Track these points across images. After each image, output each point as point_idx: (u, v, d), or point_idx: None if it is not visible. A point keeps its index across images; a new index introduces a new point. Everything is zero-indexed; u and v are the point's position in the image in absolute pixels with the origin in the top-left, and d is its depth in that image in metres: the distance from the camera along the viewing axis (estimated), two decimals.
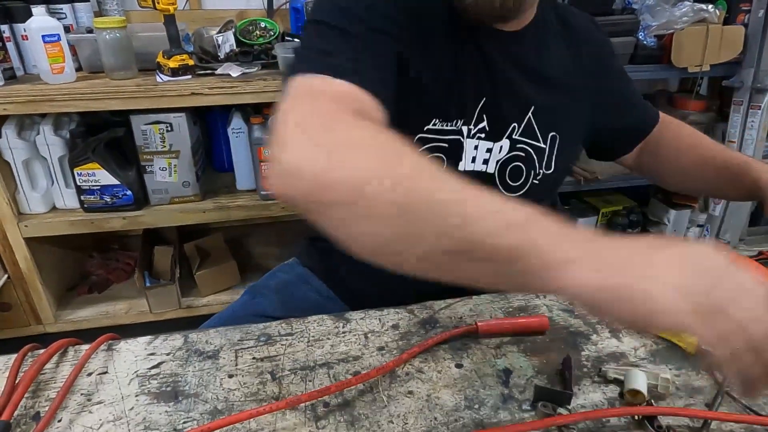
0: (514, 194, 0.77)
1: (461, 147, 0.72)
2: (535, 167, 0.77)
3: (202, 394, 0.57)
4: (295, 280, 0.89)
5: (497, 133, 0.74)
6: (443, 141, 0.72)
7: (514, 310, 0.71)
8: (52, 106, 1.37)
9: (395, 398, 0.56)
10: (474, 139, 0.73)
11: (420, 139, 0.71)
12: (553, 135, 0.78)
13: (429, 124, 0.70)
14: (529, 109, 0.75)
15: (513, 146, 0.75)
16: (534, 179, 0.78)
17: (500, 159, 0.76)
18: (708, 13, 1.74)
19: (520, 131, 0.75)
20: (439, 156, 0.72)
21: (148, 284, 1.65)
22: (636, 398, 0.55)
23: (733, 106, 1.88)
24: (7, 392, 0.54)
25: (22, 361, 0.59)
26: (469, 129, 0.72)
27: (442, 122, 0.71)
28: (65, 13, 1.56)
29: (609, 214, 2.11)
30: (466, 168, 0.74)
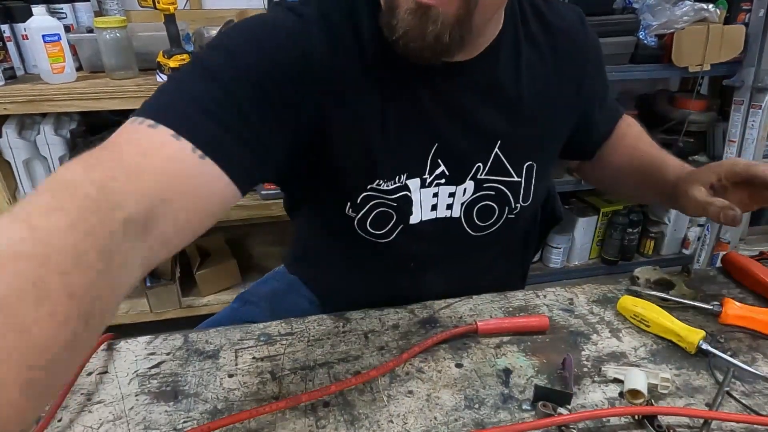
0: (483, 233, 0.72)
1: (409, 202, 0.66)
2: (509, 203, 0.71)
3: (202, 394, 0.57)
4: (285, 288, 0.88)
5: (459, 176, 0.67)
6: (390, 200, 0.65)
7: (514, 310, 0.71)
8: (52, 105, 1.37)
9: (395, 398, 0.56)
10: (432, 187, 0.66)
11: (366, 197, 0.65)
12: (529, 165, 0.70)
13: (372, 183, 0.64)
14: (494, 144, 0.67)
15: (479, 186, 0.68)
16: (509, 214, 0.72)
17: (465, 201, 0.69)
18: (709, 12, 1.73)
19: (486, 170, 0.68)
20: (388, 212, 0.66)
21: (148, 284, 1.65)
22: (636, 398, 0.55)
23: (733, 105, 1.88)
24: None
25: None
26: (423, 179, 0.65)
27: (386, 182, 0.64)
28: (65, 12, 1.56)
29: (609, 214, 2.11)
30: (423, 218, 0.68)
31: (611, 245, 2.14)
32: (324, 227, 0.77)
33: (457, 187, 0.68)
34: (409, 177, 0.65)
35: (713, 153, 2.15)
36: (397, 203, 0.66)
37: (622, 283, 0.78)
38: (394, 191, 0.65)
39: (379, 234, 0.68)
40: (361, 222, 0.67)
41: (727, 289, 0.77)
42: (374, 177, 0.64)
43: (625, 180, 0.83)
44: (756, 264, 0.76)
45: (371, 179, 0.64)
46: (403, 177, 0.64)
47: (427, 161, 0.65)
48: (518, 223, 0.75)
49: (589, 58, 0.75)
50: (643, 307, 0.68)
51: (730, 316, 0.68)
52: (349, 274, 0.81)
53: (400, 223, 0.67)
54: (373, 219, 0.67)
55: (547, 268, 2.14)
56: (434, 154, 0.65)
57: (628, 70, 1.81)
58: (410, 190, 0.65)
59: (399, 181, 0.64)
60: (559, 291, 0.76)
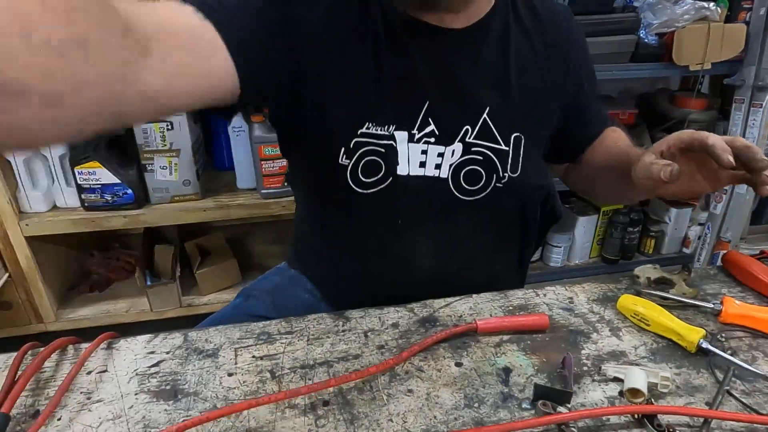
0: (473, 198, 0.73)
1: (395, 153, 0.70)
2: (497, 170, 0.73)
3: (202, 393, 0.57)
4: (287, 283, 0.89)
5: (448, 137, 0.71)
6: (379, 147, 0.69)
7: (514, 309, 0.71)
8: None
9: (395, 397, 0.56)
10: (420, 144, 0.70)
11: (357, 144, 0.69)
12: (516, 136, 0.73)
13: (362, 128, 0.68)
14: (483, 111, 0.71)
15: (467, 150, 0.72)
16: (497, 183, 0.74)
17: (453, 163, 0.72)
18: (709, 11, 1.73)
19: (474, 134, 0.72)
20: (377, 160, 0.70)
21: (148, 283, 1.65)
22: (636, 397, 0.55)
23: (734, 104, 1.88)
24: (6, 386, 0.55)
25: (22, 359, 0.59)
26: (411, 134, 0.70)
27: (376, 127, 0.68)
28: None
29: (610, 213, 2.11)
30: (411, 173, 0.71)
31: (612, 244, 2.13)
32: (319, 185, 0.78)
33: (446, 148, 0.71)
34: (397, 129, 0.69)
35: None
36: (385, 150, 0.69)
37: (622, 282, 0.78)
38: (383, 137, 0.69)
39: (369, 183, 0.71)
40: (353, 171, 0.70)
41: (727, 287, 0.77)
42: (365, 120, 0.68)
43: (601, 177, 0.84)
44: (756, 263, 0.76)
45: (362, 123, 0.68)
46: (392, 128, 0.69)
47: (417, 118, 0.70)
48: (507, 196, 0.76)
49: (574, 46, 0.79)
50: (643, 305, 0.68)
51: (730, 314, 0.68)
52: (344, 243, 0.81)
53: (389, 173, 0.70)
54: (364, 167, 0.70)
55: (547, 267, 2.14)
56: (425, 113, 0.69)
57: (629, 68, 1.80)
58: (396, 141, 0.69)
59: (387, 130, 0.69)
60: (559, 290, 0.76)
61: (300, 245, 0.93)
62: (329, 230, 0.82)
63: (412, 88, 0.69)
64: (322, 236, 0.85)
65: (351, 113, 0.68)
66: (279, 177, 1.60)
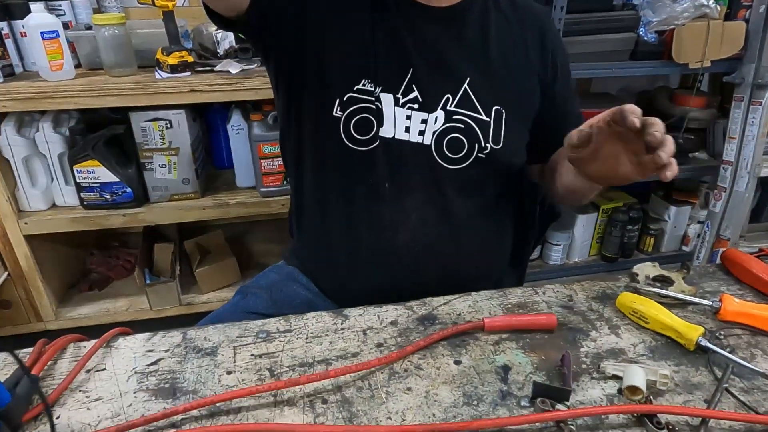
0: (457, 167, 0.77)
1: (381, 113, 0.75)
2: (479, 140, 0.76)
3: (201, 391, 0.57)
4: (284, 279, 0.90)
5: (430, 105, 0.76)
6: (371, 103, 0.75)
7: (513, 307, 0.71)
8: (51, 103, 1.37)
9: (393, 394, 0.56)
10: (405, 108, 0.75)
11: (351, 99, 0.74)
12: (497, 109, 0.77)
13: (359, 84, 0.74)
14: (464, 81, 0.76)
15: (449, 117, 0.76)
16: (479, 153, 0.77)
17: (436, 130, 0.76)
18: (709, 8, 1.73)
19: (455, 102, 0.76)
20: (369, 118, 0.75)
21: (148, 281, 1.65)
22: (635, 394, 0.55)
23: (734, 102, 1.87)
24: (36, 352, 0.59)
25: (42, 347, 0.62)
26: (397, 98, 0.75)
27: (371, 84, 0.74)
28: (64, 9, 1.55)
29: (609, 211, 2.11)
30: (396, 135, 0.75)
31: (611, 242, 2.13)
32: (313, 141, 0.81)
33: (429, 114, 0.75)
34: (383, 91, 0.75)
35: (713, 150, 2.14)
36: (375, 108, 0.75)
37: (621, 280, 0.77)
38: (372, 94, 0.74)
39: (360, 140, 0.75)
40: (345, 125, 0.75)
41: (726, 285, 0.77)
42: (362, 77, 0.74)
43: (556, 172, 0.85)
44: (755, 260, 0.76)
45: (359, 79, 0.74)
46: (379, 89, 0.75)
47: (402, 84, 0.75)
48: (491, 168, 0.78)
49: (549, 34, 0.83)
50: (642, 303, 0.68)
51: (729, 312, 0.68)
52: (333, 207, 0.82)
53: (378, 133, 0.75)
54: (356, 123, 0.75)
55: (546, 266, 2.14)
56: (409, 80, 0.75)
57: (628, 66, 1.80)
58: (382, 104, 0.75)
59: (376, 92, 0.75)
60: (558, 288, 0.76)
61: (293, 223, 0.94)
62: (319, 193, 0.83)
63: (398, 56, 0.75)
64: (313, 203, 0.85)
65: (348, 69, 0.75)
66: (278, 175, 1.60)
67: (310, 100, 0.78)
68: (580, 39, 1.71)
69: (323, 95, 0.76)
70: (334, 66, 0.75)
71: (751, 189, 1.90)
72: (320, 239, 0.85)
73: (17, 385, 0.53)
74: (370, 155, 0.75)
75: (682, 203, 2.17)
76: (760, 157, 1.86)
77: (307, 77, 0.77)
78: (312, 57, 0.75)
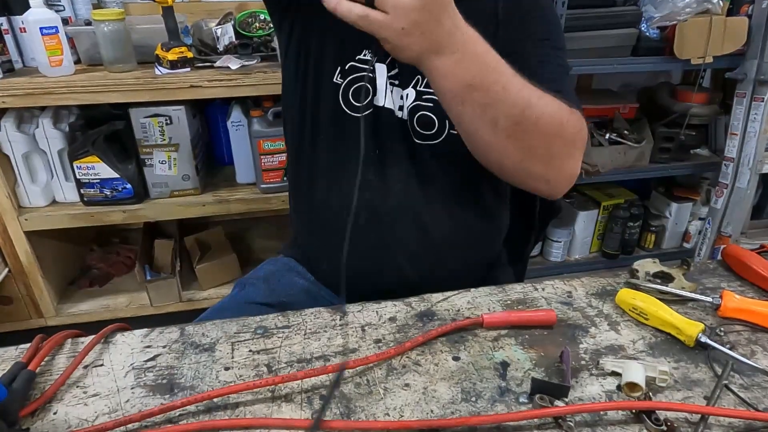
0: (429, 142, 0.78)
1: (375, 82, 0.78)
2: (447, 118, 0.72)
3: (198, 387, 0.57)
4: (281, 269, 0.92)
5: (405, 82, 0.77)
6: (369, 72, 0.77)
7: (512, 303, 0.71)
8: (50, 99, 1.37)
9: (392, 391, 0.56)
10: (388, 82, 0.78)
11: (352, 67, 0.77)
12: None
13: (360, 54, 0.77)
14: None
15: (419, 96, 0.77)
16: (451, 129, 0.77)
17: (409, 106, 0.77)
18: (711, 4, 1.72)
19: (424, 83, 0.77)
20: (367, 86, 0.77)
21: (148, 278, 1.65)
22: (634, 391, 0.55)
23: (736, 98, 1.86)
24: (33, 348, 0.59)
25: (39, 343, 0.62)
26: (386, 69, 0.77)
27: (372, 55, 0.76)
28: (63, 5, 1.55)
29: (610, 207, 2.11)
30: (386, 105, 0.78)
31: (612, 239, 2.13)
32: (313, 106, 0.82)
33: (403, 91, 0.78)
34: (378, 61, 0.78)
35: (715, 146, 2.14)
36: (371, 78, 0.77)
37: (621, 276, 0.77)
38: (370, 63, 0.77)
39: (357, 107, 0.78)
40: (344, 91, 0.78)
41: (726, 282, 0.76)
42: (363, 47, 0.77)
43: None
44: (756, 257, 0.76)
45: (360, 50, 0.77)
46: (375, 59, 0.78)
47: (389, 57, 0.76)
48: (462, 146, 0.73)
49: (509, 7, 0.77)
50: (641, 299, 0.67)
51: (729, 309, 0.67)
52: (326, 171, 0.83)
53: (372, 102, 0.78)
54: (355, 91, 0.78)
55: (547, 262, 2.14)
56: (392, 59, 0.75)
57: (630, 62, 1.79)
58: (376, 73, 0.77)
59: (373, 61, 0.77)
60: (558, 284, 0.75)
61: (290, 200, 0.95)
62: (314, 160, 0.84)
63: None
64: (308, 171, 0.86)
65: (353, 39, 0.75)
66: (278, 171, 1.60)
67: (312, 65, 0.80)
68: (581, 35, 1.70)
69: (325, 62, 0.79)
70: (337, 37, 0.77)
71: (752, 185, 1.89)
72: (313, 209, 0.86)
73: (14, 380, 0.54)
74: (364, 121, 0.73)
75: (684, 200, 2.16)
76: (762, 153, 1.85)
77: (312, 45, 0.79)
78: (317, 30, 0.78)
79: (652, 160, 2.01)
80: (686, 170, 2.08)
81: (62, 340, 0.63)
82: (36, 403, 0.53)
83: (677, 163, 2.03)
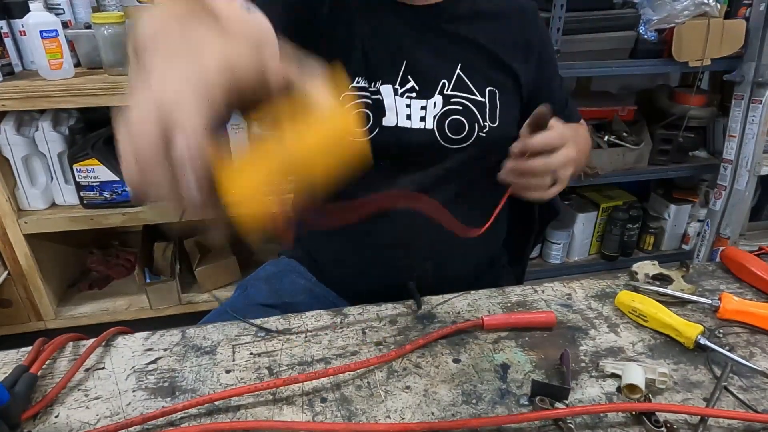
0: (460, 146, 0.80)
1: (382, 106, 0.78)
2: (478, 120, 0.80)
3: (200, 390, 0.57)
4: (283, 270, 0.92)
5: (428, 91, 0.79)
6: (368, 98, 0.78)
7: (512, 305, 0.71)
8: (50, 102, 1.37)
9: (392, 393, 0.56)
10: (404, 98, 0.79)
11: (346, 96, 0.78)
12: (491, 90, 0.81)
13: (353, 82, 0.78)
14: (456, 66, 0.80)
15: (447, 101, 0.79)
16: (480, 132, 0.80)
17: (437, 114, 0.79)
18: (709, 6, 1.73)
19: (451, 86, 0.80)
20: (366, 111, 0.78)
21: (148, 280, 1.65)
22: (633, 393, 0.55)
23: (734, 100, 1.87)
24: (34, 351, 0.59)
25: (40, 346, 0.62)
26: (395, 89, 0.79)
27: (365, 80, 0.78)
28: (63, 8, 1.55)
29: (609, 209, 2.11)
30: (399, 124, 0.79)
31: (611, 241, 2.13)
32: None
33: (427, 101, 0.79)
34: (383, 84, 0.79)
35: (713, 148, 2.14)
36: (373, 103, 0.78)
37: (620, 278, 0.77)
38: (372, 92, 0.78)
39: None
40: None
41: (725, 284, 0.77)
42: (356, 75, 0.78)
43: None
44: (754, 259, 0.76)
45: (353, 78, 0.78)
46: (379, 83, 0.79)
47: (398, 75, 0.79)
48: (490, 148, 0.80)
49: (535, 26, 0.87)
50: (641, 302, 0.67)
51: (728, 310, 0.68)
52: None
53: (376, 124, 0.78)
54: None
55: (546, 264, 2.14)
56: (404, 72, 0.79)
57: (628, 65, 1.80)
58: (382, 95, 0.78)
59: (375, 86, 0.78)
60: (558, 286, 0.76)
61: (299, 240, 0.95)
62: None
63: (393, 50, 0.79)
64: None
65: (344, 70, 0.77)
66: None
67: None
68: (580, 37, 1.71)
69: None
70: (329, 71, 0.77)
71: (751, 187, 1.90)
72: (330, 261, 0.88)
73: (15, 383, 0.54)
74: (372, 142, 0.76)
75: (682, 202, 2.17)
76: (760, 155, 1.86)
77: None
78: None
79: (651, 162, 2.02)
80: (685, 172, 2.09)
81: (63, 343, 0.63)
82: (38, 406, 0.53)
83: (676, 165, 2.04)
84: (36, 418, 0.53)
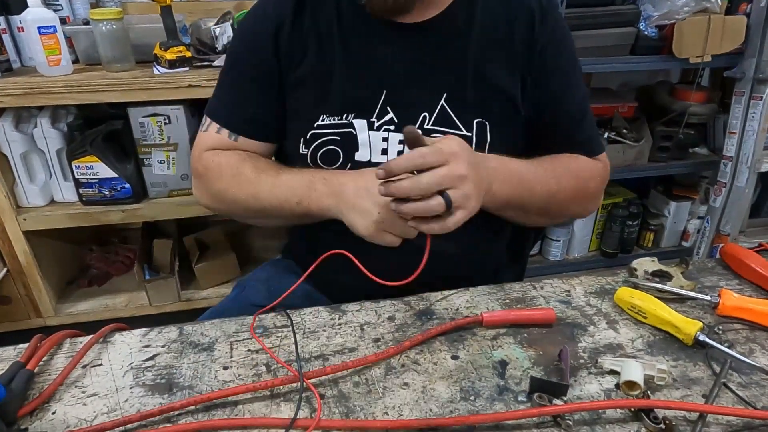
0: None
1: (354, 140, 0.75)
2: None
3: (197, 386, 0.57)
4: (281, 271, 0.91)
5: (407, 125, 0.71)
6: (335, 134, 0.75)
7: (511, 302, 0.71)
8: (48, 98, 1.36)
9: (390, 390, 0.56)
10: (380, 131, 0.75)
11: (313, 135, 0.76)
12: (479, 122, 0.74)
13: (318, 120, 0.75)
14: (440, 97, 0.74)
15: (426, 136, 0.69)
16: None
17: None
18: (710, 2, 1.72)
19: (432, 120, 0.74)
20: (334, 148, 0.75)
21: (147, 277, 1.65)
22: (632, 389, 0.55)
23: (734, 97, 1.87)
24: (31, 348, 0.59)
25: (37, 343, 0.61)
26: (371, 122, 0.74)
27: (331, 117, 0.75)
28: (61, 4, 1.54)
29: (609, 206, 2.11)
30: (373, 159, 0.75)
31: (611, 238, 2.13)
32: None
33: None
34: (356, 117, 0.75)
35: (713, 145, 2.14)
36: (341, 138, 0.75)
37: (619, 275, 0.77)
38: (337, 126, 0.75)
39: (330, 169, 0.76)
40: (312, 159, 0.77)
41: (725, 280, 0.77)
42: (321, 113, 0.75)
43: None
44: (754, 255, 0.76)
45: (318, 116, 0.75)
46: (351, 116, 0.75)
47: (376, 107, 0.75)
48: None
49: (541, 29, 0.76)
50: (640, 298, 0.67)
51: (727, 307, 0.67)
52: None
53: (347, 159, 0.76)
54: (323, 155, 0.76)
55: (546, 261, 2.14)
56: (383, 103, 0.75)
57: (629, 61, 1.79)
58: (355, 129, 0.75)
59: (345, 119, 0.75)
60: (557, 283, 0.76)
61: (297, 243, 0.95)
62: None
63: (369, 79, 0.75)
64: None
65: (309, 109, 0.76)
66: None
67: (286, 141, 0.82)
68: (580, 33, 1.70)
69: (291, 137, 0.79)
70: (296, 109, 0.78)
71: (751, 184, 1.90)
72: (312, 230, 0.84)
73: (12, 380, 0.54)
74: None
75: (682, 198, 2.16)
76: (761, 152, 1.85)
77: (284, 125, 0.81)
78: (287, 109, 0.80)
79: (651, 158, 2.01)
80: (685, 169, 2.08)
81: (61, 339, 0.63)
82: (34, 402, 0.53)
83: (676, 162, 2.04)
84: (33, 414, 0.53)
